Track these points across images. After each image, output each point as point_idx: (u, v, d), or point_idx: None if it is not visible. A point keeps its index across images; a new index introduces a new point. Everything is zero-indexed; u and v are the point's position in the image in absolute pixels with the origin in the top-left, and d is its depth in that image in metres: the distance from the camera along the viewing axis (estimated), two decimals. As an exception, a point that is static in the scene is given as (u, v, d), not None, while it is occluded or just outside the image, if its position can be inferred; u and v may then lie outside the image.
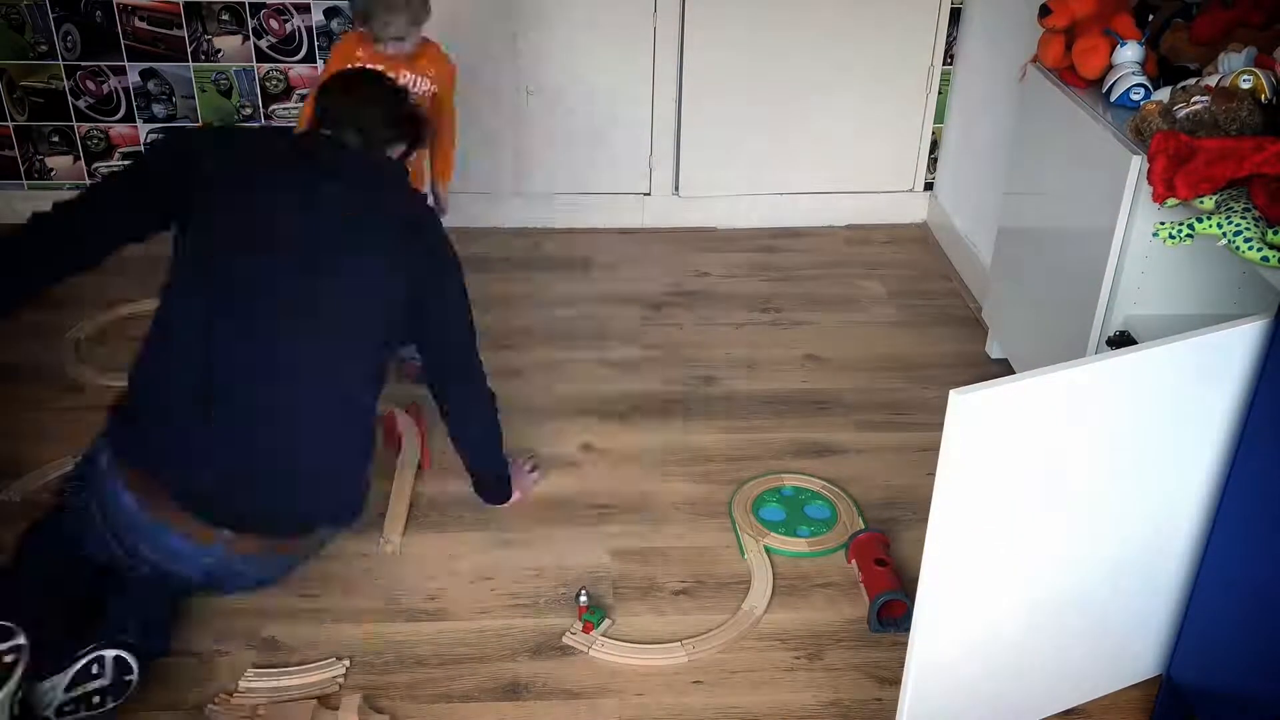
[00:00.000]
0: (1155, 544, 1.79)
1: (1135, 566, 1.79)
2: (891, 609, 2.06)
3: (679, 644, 2.02)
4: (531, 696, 1.92)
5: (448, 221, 2.27)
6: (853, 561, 2.20)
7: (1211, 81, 2.07)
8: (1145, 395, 1.62)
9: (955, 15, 3.36)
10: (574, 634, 2.04)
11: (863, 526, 2.30)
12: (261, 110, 3.37)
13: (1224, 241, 1.72)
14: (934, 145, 3.55)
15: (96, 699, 1.79)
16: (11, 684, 1.68)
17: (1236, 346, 1.65)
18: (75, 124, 3.39)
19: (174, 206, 2.03)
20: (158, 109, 3.37)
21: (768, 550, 2.24)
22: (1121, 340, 2.11)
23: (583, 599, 2.05)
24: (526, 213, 3.52)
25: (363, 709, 1.86)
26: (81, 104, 3.35)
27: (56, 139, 3.41)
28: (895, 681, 1.92)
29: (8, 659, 1.71)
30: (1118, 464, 1.66)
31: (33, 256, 2.07)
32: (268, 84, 3.35)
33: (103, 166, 3.45)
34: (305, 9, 3.25)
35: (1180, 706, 1.81)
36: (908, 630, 2.04)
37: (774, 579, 2.17)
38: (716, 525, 2.33)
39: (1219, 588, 1.71)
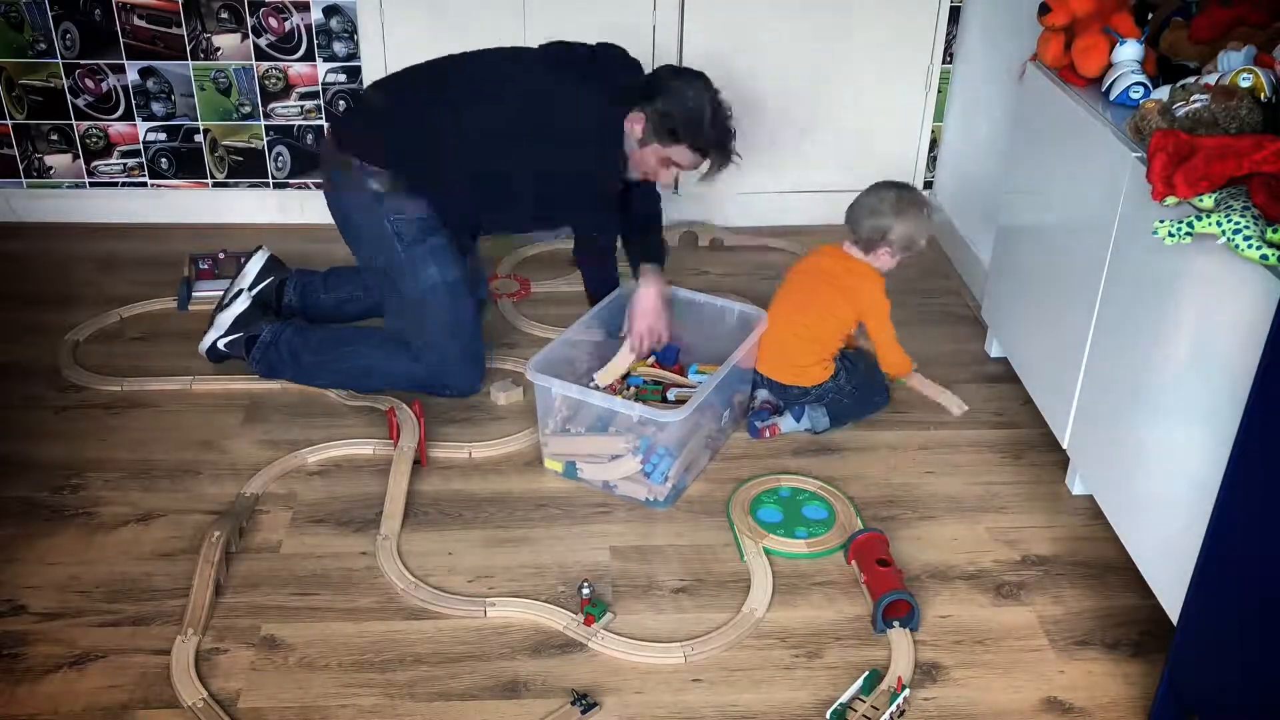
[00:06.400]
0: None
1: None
2: (895, 608, 2.06)
3: (679, 645, 2.02)
4: (531, 695, 1.92)
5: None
6: (852, 562, 2.20)
7: (1211, 80, 2.07)
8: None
9: (955, 13, 3.36)
10: (575, 626, 2.04)
11: (860, 526, 2.30)
12: (260, 109, 3.37)
13: (1223, 240, 1.71)
14: (933, 143, 3.55)
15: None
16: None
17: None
18: (74, 122, 3.39)
19: None
20: (157, 107, 3.37)
21: (767, 552, 2.24)
22: None
23: (585, 591, 2.05)
24: (526, 211, 3.52)
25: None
26: (80, 102, 3.35)
27: (55, 137, 3.41)
28: (894, 680, 1.93)
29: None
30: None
31: None
32: (267, 82, 3.35)
33: (101, 165, 3.45)
34: (304, 7, 3.25)
35: (1180, 706, 1.81)
36: (913, 629, 2.06)
37: (774, 580, 2.17)
38: (715, 523, 2.33)
39: (1219, 587, 1.71)
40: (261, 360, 2.69)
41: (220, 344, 2.74)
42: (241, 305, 2.77)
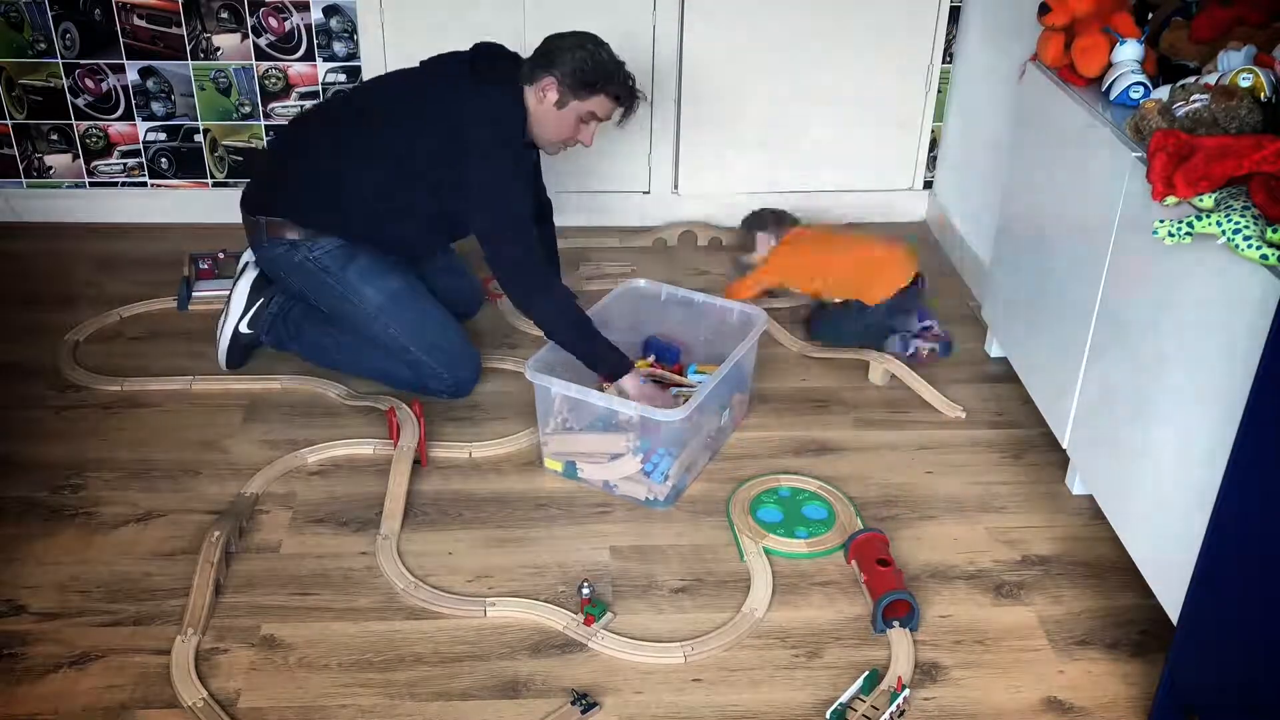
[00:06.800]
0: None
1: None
2: (895, 608, 2.06)
3: (678, 645, 2.02)
4: (531, 695, 1.92)
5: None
6: (852, 562, 2.20)
7: (1211, 79, 2.07)
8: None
9: (955, 13, 3.36)
10: (575, 626, 2.04)
11: (860, 526, 2.30)
12: (260, 109, 3.37)
13: (1223, 240, 1.71)
14: (933, 143, 3.55)
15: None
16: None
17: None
18: (74, 122, 3.39)
19: None
20: (156, 107, 3.37)
21: (767, 552, 2.24)
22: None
23: (585, 591, 2.05)
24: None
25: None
26: (80, 102, 3.35)
27: (55, 137, 3.41)
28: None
29: None
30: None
31: None
32: (266, 82, 3.35)
33: (101, 165, 3.45)
34: (304, 7, 3.25)
35: (1180, 706, 1.81)
36: (913, 629, 2.06)
37: (774, 580, 2.17)
38: (715, 523, 2.33)
39: (1219, 587, 1.71)
40: (270, 332, 2.73)
41: (242, 326, 2.73)
42: (254, 272, 2.77)
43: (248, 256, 2.83)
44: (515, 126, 2.57)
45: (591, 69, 2.55)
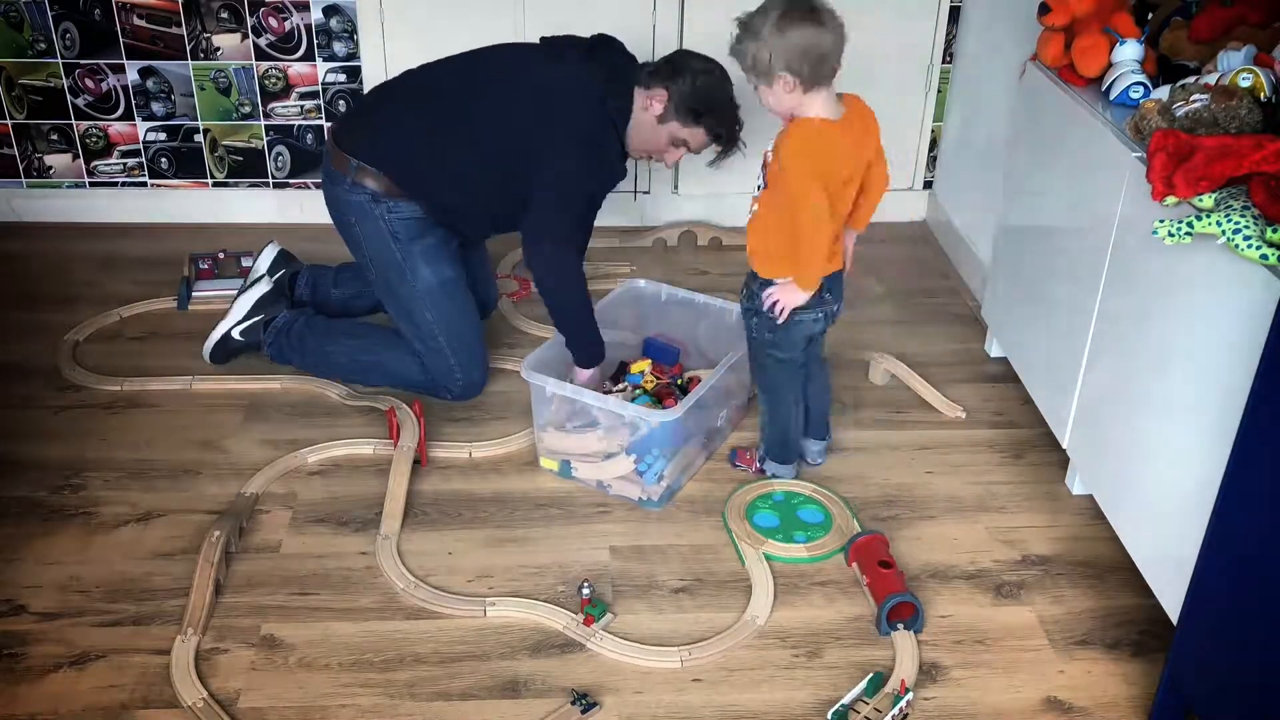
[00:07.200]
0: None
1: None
2: (899, 611, 2.06)
3: (677, 649, 2.01)
4: (531, 694, 1.92)
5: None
6: (853, 564, 2.19)
7: (1211, 80, 2.07)
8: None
9: (955, 13, 3.36)
10: (575, 626, 2.04)
11: (857, 528, 2.30)
12: (260, 109, 3.37)
13: (1223, 240, 1.71)
14: (933, 143, 3.55)
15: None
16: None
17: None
18: (74, 122, 3.39)
19: None
20: (156, 107, 3.37)
21: (767, 557, 2.23)
22: None
23: (585, 591, 2.04)
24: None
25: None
26: (80, 102, 3.35)
27: (55, 137, 3.40)
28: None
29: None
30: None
31: None
32: (266, 82, 3.35)
33: (101, 165, 3.45)
34: (304, 7, 3.25)
35: (1180, 706, 1.81)
36: (916, 631, 2.05)
37: (774, 585, 2.17)
38: (715, 523, 2.33)
39: (1218, 587, 1.71)
40: (273, 344, 2.74)
41: (235, 332, 2.74)
42: (264, 288, 2.79)
43: (261, 269, 2.84)
44: (606, 122, 2.51)
45: (705, 97, 2.51)
